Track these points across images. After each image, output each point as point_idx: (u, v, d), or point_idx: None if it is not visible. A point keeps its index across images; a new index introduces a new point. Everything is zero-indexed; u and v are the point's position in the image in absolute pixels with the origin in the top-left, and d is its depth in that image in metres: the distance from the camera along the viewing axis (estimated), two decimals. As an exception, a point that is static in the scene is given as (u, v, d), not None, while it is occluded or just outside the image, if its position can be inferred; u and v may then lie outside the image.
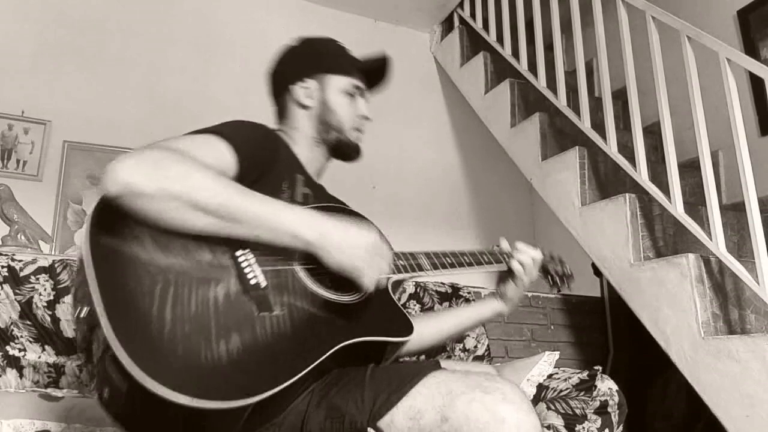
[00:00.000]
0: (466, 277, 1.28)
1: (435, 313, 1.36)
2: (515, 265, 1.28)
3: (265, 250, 0.94)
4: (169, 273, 0.83)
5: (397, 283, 1.19)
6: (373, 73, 1.31)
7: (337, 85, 1.23)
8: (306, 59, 1.26)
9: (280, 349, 0.86)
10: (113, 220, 0.84)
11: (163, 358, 0.75)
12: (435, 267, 1.15)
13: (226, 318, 0.83)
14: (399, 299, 1.92)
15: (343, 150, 1.25)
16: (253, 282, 0.89)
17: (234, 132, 1.01)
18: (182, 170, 0.85)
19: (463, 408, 0.83)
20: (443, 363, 1.21)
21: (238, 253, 0.91)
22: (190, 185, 0.84)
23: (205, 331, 0.80)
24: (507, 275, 1.31)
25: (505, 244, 1.33)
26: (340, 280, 1.00)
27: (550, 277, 1.43)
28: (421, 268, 1.13)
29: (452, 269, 1.18)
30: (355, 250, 0.93)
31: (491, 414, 0.81)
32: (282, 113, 1.27)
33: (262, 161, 1.05)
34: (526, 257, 1.29)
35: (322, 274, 0.99)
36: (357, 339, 0.96)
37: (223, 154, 0.96)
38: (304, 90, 1.23)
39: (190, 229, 0.86)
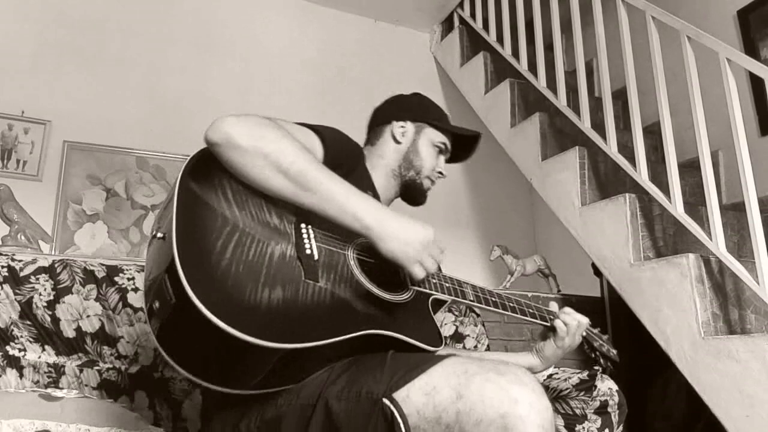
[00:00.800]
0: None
1: (465, 354, 1.39)
2: (559, 325, 1.29)
3: (326, 229, 1.04)
4: (239, 222, 0.95)
5: (438, 304, 1.21)
6: (462, 143, 1.41)
7: (430, 137, 1.36)
8: (413, 107, 1.40)
9: (315, 316, 0.94)
10: (206, 169, 0.97)
11: (214, 284, 0.85)
12: (478, 300, 1.20)
13: (276, 272, 0.93)
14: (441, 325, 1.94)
15: (413, 190, 1.35)
16: (307, 252, 0.99)
17: (327, 132, 1.12)
18: (276, 136, 0.97)
19: (478, 387, 0.85)
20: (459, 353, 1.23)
21: (302, 225, 1.02)
22: (280, 149, 0.96)
23: (256, 276, 0.90)
24: (548, 333, 1.32)
25: (554, 306, 1.35)
26: (386, 280, 1.07)
27: (593, 353, 1.40)
28: (464, 297, 1.18)
29: (494, 308, 1.23)
30: (409, 242, 1.00)
31: (505, 393, 0.83)
32: (372, 141, 1.38)
33: (344, 163, 1.13)
34: (571, 320, 1.30)
35: (371, 269, 1.06)
36: (389, 332, 1.01)
37: (313, 145, 1.08)
38: (402, 129, 1.35)
39: (268, 188, 0.97)
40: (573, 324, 1.28)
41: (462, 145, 1.42)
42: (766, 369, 1.57)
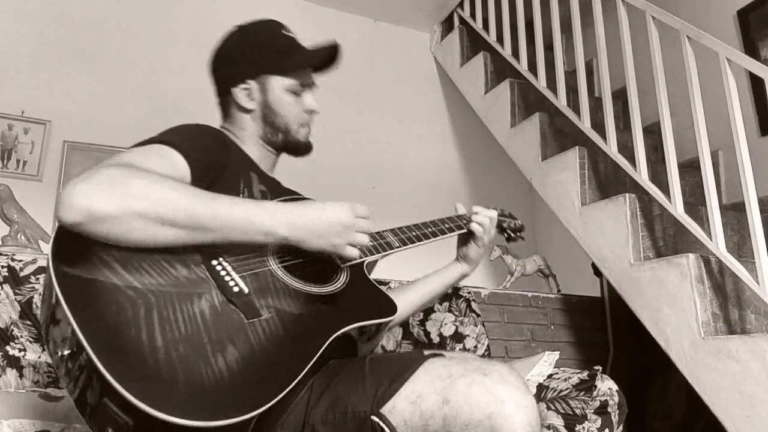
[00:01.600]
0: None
1: (405, 286, 1.39)
2: (475, 227, 1.33)
3: (239, 254, 0.94)
4: (149, 295, 0.81)
5: (372, 264, 1.24)
6: (322, 60, 1.24)
7: (281, 84, 1.18)
8: (246, 58, 1.19)
9: (278, 352, 0.86)
10: (77, 249, 0.80)
11: (168, 387, 0.74)
12: (403, 243, 1.19)
13: (217, 331, 0.82)
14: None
15: (292, 148, 1.23)
16: (236, 290, 0.89)
17: (181, 138, 0.99)
18: (142, 185, 0.82)
19: (464, 390, 0.84)
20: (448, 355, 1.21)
21: (213, 263, 0.91)
22: (154, 200, 0.82)
23: (201, 350, 0.79)
24: (468, 238, 1.36)
25: (461, 208, 1.38)
26: (319, 271, 1.03)
27: (506, 234, 1.52)
28: (390, 246, 1.16)
29: (419, 242, 1.22)
30: (329, 230, 0.95)
31: (491, 394, 0.82)
32: (226, 113, 1.24)
33: (214, 165, 1.03)
34: (484, 218, 1.34)
35: (300, 269, 1.01)
36: (348, 327, 0.97)
37: (175, 163, 0.95)
38: (245, 92, 1.18)
39: (160, 244, 0.84)
40: (487, 222, 1.34)
41: (324, 60, 1.23)
42: (766, 369, 1.57)
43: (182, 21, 3.09)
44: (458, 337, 1.99)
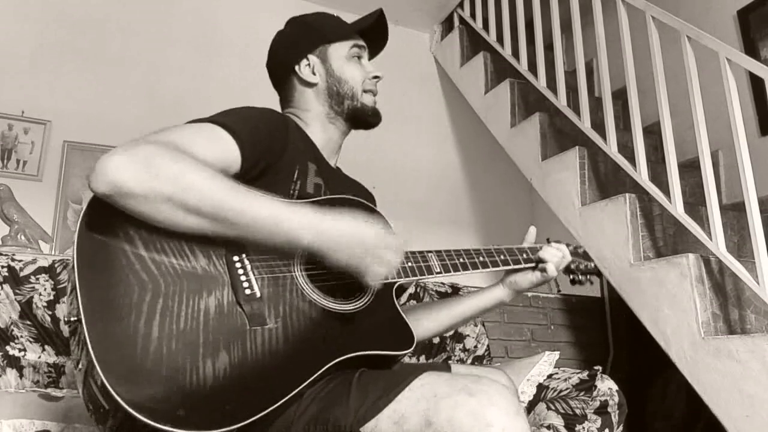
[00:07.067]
0: (466, 277, 1.25)
1: (434, 305, 1.30)
2: (550, 268, 1.22)
3: (266, 254, 0.91)
4: (160, 281, 0.80)
5: (403, 287, 1.14)
6: (372, 33, 1.26)
7: (339, 52, 1.19)
8: (301, 37, 1.21)
9: (271, 368, 0.84)
10: (106, 218, 0.81)
11: (145, 382, 0.73)
12: (446, 269, 1.09)
13: (215, 333, 0.81)
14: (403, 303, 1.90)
15: (361, 117, 1.20)
16: (247, 292, 0.87)
17: (238, 122, 0.95)
18: (175, 169, 0.80)
19: (448, 412, 0.80)
20: (453, 367, 1.17)
21: (234, 259, 0.88)
22: (183, 186, 0.80)
23: (193, 349, 0.78)
24: (528, 269, 1.25)
25: (533, 233, 1.27)
26: (342, 287, 0.98)
27: (572, 276, 1.35)
28: (430, 271, 1.06)
29: (465, 271, 1.11)
30: (355, 247, 0.89)
31: (476, 418, 0.78)
32: (289, 99, 1.22)
33: (270, 151, 0.99)
34: (562, 261, 1.24)
35: (324, 278, 0.97)
36: (352, 354, 0.93)
37: (226, 147, 0.92)
38: (307, 67, 1.18)
39: (184, 230, 0.83)
40: (563, 264, 1.25)
41: (374, 34, 1.26)
42: (766, 369, 1.57)
43: (182, 21, 3.09)
44: (458, 337, 1.99)
